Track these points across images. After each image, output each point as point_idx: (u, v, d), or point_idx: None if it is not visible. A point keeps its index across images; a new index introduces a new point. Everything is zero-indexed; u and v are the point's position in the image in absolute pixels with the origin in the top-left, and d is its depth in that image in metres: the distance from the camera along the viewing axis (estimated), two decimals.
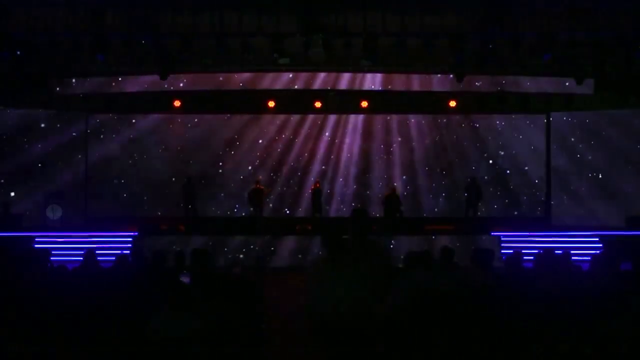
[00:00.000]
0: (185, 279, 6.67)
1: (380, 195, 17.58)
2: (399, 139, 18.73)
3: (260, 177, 17.14)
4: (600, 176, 17.36)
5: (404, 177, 18.62)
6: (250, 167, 18.58)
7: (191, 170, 17.76)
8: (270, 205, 17.89)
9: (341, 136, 18.82)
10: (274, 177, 18.55)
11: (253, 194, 16.73)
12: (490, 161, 18.51)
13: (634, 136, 17.08)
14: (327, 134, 18.82)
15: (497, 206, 18.34)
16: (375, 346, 4.39)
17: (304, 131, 18.76)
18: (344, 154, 18.75)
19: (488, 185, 18.18)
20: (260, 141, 18.66)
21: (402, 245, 14.13)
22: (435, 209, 18.58)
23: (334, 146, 18.77)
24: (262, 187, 16.91)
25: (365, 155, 18.73)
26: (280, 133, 18.71)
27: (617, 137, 17.18)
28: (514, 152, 18.47)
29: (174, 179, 17.97)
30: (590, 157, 17.49)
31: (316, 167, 18.65)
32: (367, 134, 18.77)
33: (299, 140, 18.73)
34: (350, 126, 18.83)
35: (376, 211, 17.03)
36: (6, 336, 4.33)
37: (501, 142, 18.56)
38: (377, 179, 18.63)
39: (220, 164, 18.58)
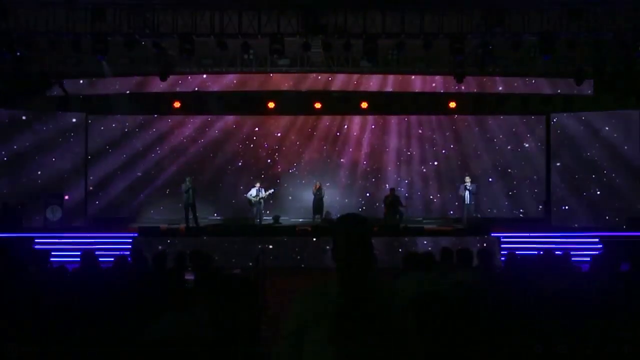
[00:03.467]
0: (189, 276, 6.69)
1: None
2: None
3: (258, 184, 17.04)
4: (600, 176, 17.34)
5: (404, 177, 18.65)
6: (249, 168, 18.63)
7: (192, 171, 17.71)
8: (271, 200, 17.85)
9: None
10: (273, 179, 18.58)
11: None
12: (491, 161, 18.52)
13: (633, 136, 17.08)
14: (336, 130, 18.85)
15: (497, 206, 18.34)
16: None
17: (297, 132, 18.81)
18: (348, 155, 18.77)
19: (488, 185, 18.22)
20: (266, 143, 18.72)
21: (401, 247, 14.12)
22: (435, 210, 18.62)
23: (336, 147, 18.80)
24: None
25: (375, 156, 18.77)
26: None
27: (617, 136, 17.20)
28: (514, 150, 18.49)
29: (174, 181, 17.97)
30: (590, 157, 17.48)
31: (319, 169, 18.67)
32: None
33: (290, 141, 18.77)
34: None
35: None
36: (6, 336, 4.33)
37: (501, 140, 18.57)
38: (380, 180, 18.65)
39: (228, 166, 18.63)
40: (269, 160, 18.67)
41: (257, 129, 18.72)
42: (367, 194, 18.56)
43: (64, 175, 17.50)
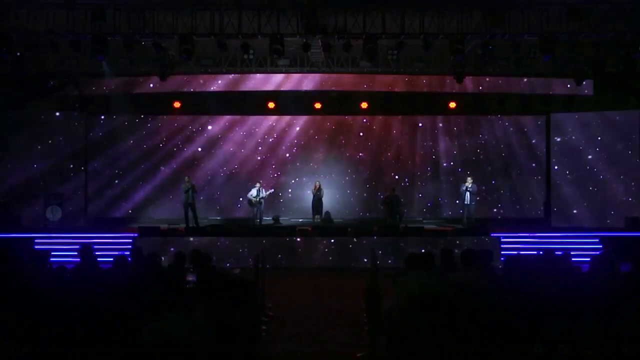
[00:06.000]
0: (191, 278, 6.70)
1: (381, 197, 17.56)
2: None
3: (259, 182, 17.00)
4: (600, 176, 17.33)
5: (404, 176, 18.65)
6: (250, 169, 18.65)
7: (192, 172, 17.69)
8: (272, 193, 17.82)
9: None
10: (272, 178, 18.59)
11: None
12: (491, 161, 18.51)
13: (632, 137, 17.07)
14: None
15: (497, 207, 18.34)
16: None
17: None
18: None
19: (488, 185, 18.22)
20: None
21: (402, 247, 14.11)
22: (435, 211, 18.62)
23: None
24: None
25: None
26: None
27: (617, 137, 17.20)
28: (514, 150, 18.49)
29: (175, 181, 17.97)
30: (590, 157, 17.48)
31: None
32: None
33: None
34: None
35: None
36: (6, 336, 4.33)
37: (501, 140, 18.56)
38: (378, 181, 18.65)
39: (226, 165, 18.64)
40: (268, 162, 18.67)
41: (256, 129, 18.72)
42: (368, 196, 18.57)
43: (64, 175, 17.50)
